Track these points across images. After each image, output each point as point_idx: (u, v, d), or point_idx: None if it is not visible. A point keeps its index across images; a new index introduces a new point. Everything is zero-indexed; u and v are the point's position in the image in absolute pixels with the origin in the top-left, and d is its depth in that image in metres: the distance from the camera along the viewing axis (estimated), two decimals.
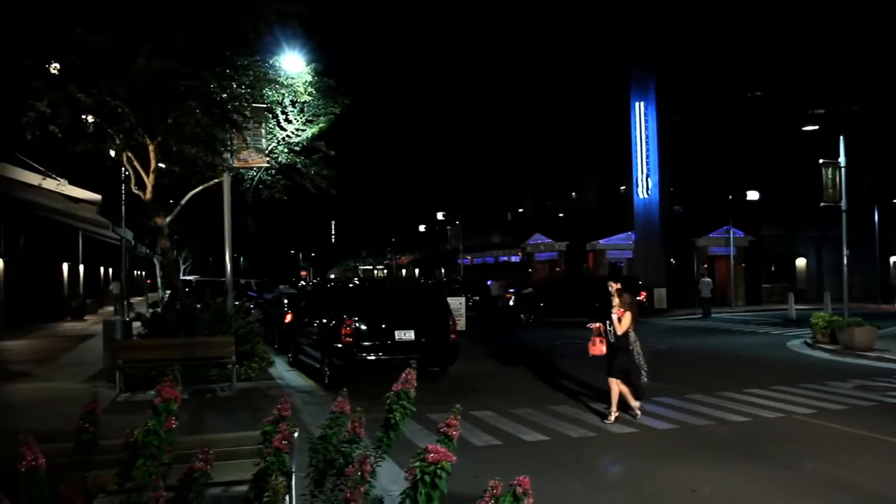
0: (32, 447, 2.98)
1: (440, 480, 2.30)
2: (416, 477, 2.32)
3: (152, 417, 2.71)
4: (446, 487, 2.36)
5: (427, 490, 2.29)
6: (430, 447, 2.33)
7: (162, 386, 2.73)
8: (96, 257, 36.10)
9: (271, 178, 15.16)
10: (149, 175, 12.80)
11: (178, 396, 2.72)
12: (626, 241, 41.01)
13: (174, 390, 2.73)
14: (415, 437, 8.30)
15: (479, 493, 2.68)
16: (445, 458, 2.32)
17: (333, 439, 3.26)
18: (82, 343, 19.34)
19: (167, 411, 2.70)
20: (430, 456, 2.30)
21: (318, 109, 14.67)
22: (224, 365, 11.92)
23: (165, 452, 2.73)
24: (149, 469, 2.72)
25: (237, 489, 4.00)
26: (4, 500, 2.63)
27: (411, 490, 2.34)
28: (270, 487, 2.65)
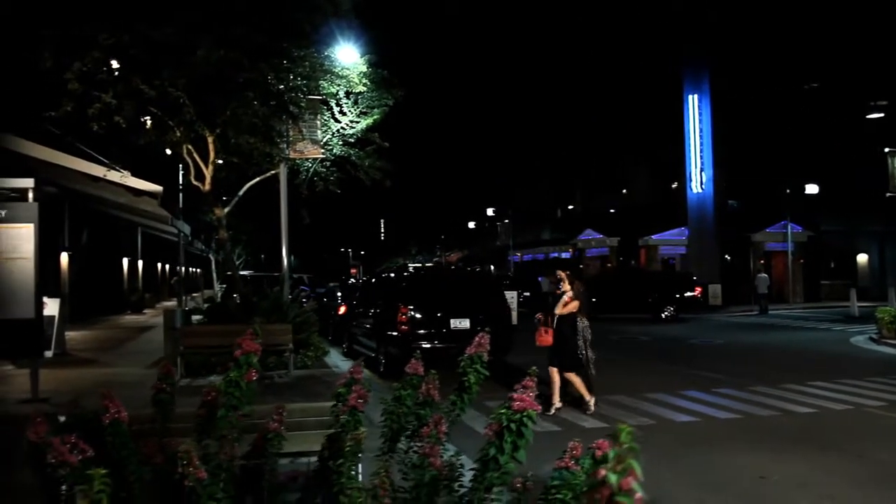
0: (114, 400, 3.04)
1: (526, 429, 2.26)
2: (501, 425, 2.29)
3: (233, 369, 2.73)
4: (531, 437, 2.33)
5: (513, 438, 2.26)
6: (516, 396, 2.29)
7: (243, 339, 2.75)
8: (154, 253, 36.99)
9: (326, 170, 15.31)
10: (208, 166, 13.04)
11: (259, 349, 2.75)
12: (679, 236, 40.33)
13: (255, 343, 2.75)
14: (473, 422, 8.27)
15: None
16: (531, 407, 2.28)
17: (408, 401, 3.25)
18: (143, 334, 19.85)
19: (248, 364, 2.72)
20: (516, 404, 2.27)
21: (372, 101, 14.76)
22: (281, 352, 12.07)
23: (246, 405, 2.75)
24: (230, 420, 2.75)
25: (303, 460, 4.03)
26: (89, 451, 2.68)
27: (496, 439, 2.31)
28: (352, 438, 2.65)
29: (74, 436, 2.88)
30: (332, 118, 14.69)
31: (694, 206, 37.72)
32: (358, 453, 2.67)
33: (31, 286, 9.25)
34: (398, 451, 3.24)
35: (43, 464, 2.95)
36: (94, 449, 2.98)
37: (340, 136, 14.95)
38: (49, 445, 2.73)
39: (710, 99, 37.00)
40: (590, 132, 47.22)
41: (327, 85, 13.45)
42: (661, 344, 19.29)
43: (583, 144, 48.41)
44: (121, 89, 10.77)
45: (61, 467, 2.71)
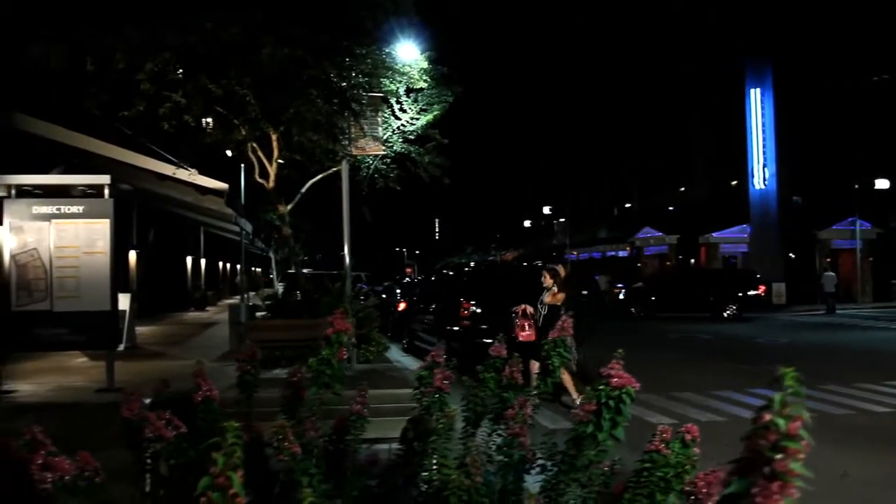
0: (206, 379, 3.11)
1: (624, 406, 2.23)
2: (599, 402, 2.26)
3: (325, 347, 2.76)
4: (629, 415, 2.29)
5: (611, 415, 2.22)
6: (614, 373, 2.26)
7: (334, 317, 2.78)
8: (215, 252, 37.86)
9: (386, 168, 15.40)
10: (272, 164, 13.25)
11: (349, 329, 2.77)
12: (740, 234, 39.42)
13: (345, 322, 2.77)
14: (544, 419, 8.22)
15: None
16: (630, 384, 2.24)
17: (490, 383, 3.24)
18: (207, 329, 20.33)
19: (339, 342, 2.75)
20: (614, 381, 2.24)
21: (432, 98, 14.77)
22: None
23: (338, 383, 2.78)
24: (321, 398, 2.78)
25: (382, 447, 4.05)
26: (182, 427, 2.74)
27: (594, 416, 2.28)
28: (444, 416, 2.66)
29: (168, 412, 2.96)
30: (393, 115, 14.76)
31: (756, 202, 36.82)
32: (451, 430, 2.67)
33: (107, 280, 9.56)
34: (480, 434, 3.24)
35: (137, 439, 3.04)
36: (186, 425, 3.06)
37: (401, 133, 15.00)
38: (145, 420, 2.81)
39: (772, 92, 36.07)
40: (647, 128, 46.49)
41: (388, 82, 13.50)
42: (724, 343, 18.87)
43: (640, 141, 47.72)
44: (189, 89, 11.02)
45: (157, 441, 2.79)
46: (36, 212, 9.41)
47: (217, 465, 1.33)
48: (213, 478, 1.32)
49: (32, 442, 2.26)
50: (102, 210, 9.50)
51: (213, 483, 1.32)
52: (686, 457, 2.54)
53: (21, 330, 9.29)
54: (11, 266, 9.40)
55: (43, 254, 9.40)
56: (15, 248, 9.42)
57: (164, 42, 10.86)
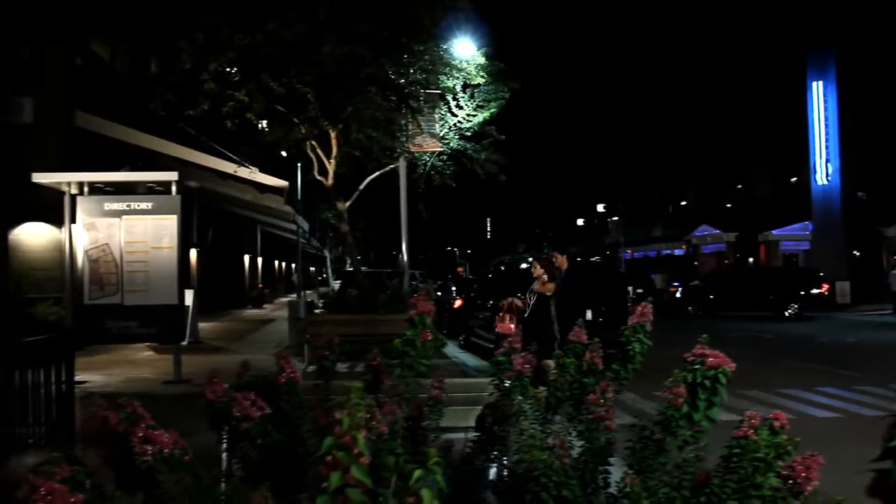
0: (289, 361, 3.16)
1: (720, 386, 2.18)
2: (694, 381, 2.22)
3: (409, 328, 2.79)
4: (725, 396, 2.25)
5: (707, 395, 2.18)
6: (709, 353, 2.22)
7: (416, 299, 2.80)
8: (271, 251, 38.50)
9: (443, 164, 15.43)
10: (331, 161, 13.41)
11: (433, 311, 2.79)
12: (802, 231, 38.37)
13: (428, 304, 2.79)
14: None
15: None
16: (725, 364, 2.20)
17: (570, 368, 3.21)
18: (266, 326, 20.69)
19: (422, 324, 2.76)
20: (710, 361, 2.20)
21: (489, 94, 14.74)
22: None
23: (422, 364, 2.80)
24: (405, 379, 2.80)
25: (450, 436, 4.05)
26: (266, 408, 2.79)
27: (689, 397, 2.24)
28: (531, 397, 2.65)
29: (253, 393, 3.02)
30: (449, 112, 14.78)
31: (819, 198, 35.79)
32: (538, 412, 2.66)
33: (174, 274, 9.81)
34: (558, 420, 3.21)
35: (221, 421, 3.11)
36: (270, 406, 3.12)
37: (457, 130, 15.01)
38: (233, 400, 2.87)
39: (835, 85, 35.00)
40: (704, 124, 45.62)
41: (445, 79, 13.52)
42: (787, 342, 18.40)
43: (697, 137, 46.85)
44: (252, 87, 11.22)
45: (245, 420, 2.85)
46: (107, 208, 9.71)
47: (342, 425, 1.34)
48: (338, 437, 1.34)
49: (133, 416, 2.32)
50: (170, 206, 9.75)
51: (337, 442, 1.33)
52: (778, 443, 2.48)
53: (93, 323, 9.59)
54: (84, 261, 9.72)
55: (114, 249, 9.70)
56: (87, 244, 9.73)
57: (228, 42, 11.10)
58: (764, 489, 2.11)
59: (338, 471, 1.32)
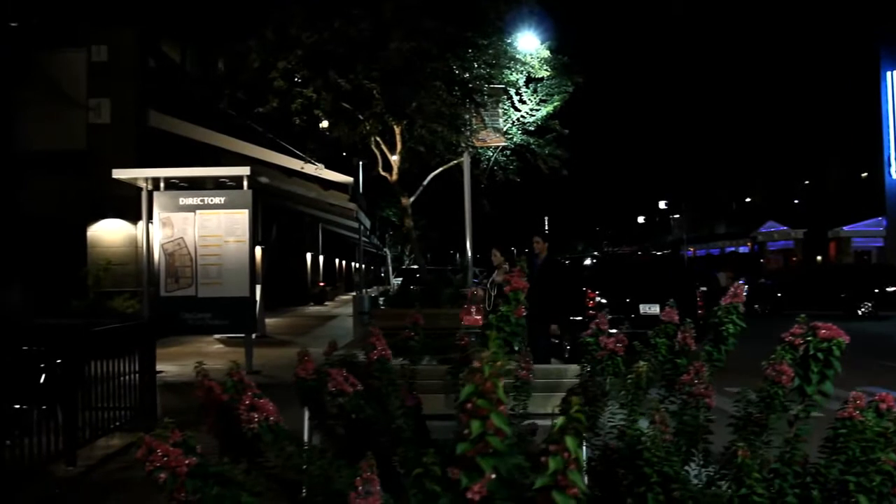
0: (381, 339, 3.20)
1: (834, 359, 2.12)
2: (806, 354, 2.16)
3: (503, 304, 2.79)
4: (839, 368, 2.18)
5: (820, 368, 2.12)
6: (821, 325, 2.16)
7: (510, 275, 2.80)
8: (332, 249, 39.00)
9: (506, 159, 15.41)
10: (395, 157, 13.52)
11: (526, 287, 2.78)
12: (875, 227, 37.00)
13: (522, 281, 2.78)
14: None
15: None
16: (839, 336, 2.13)
17: (662, 349, 3.16)
18: (329, 322, 21.01)
19: (516, 300, 2.76)
20: (822, 332, 2.13)
21: (552, 88, 14.65)
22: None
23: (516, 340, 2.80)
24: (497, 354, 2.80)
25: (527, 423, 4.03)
26: (358, 384, 2.82)
27: (800, 369, 2.18)
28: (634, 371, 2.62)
29: (345, 370, 3.06)
30: (512, 107, 14.74)
31: (893, 193, 34.44)
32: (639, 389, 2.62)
33: (246, 267, 10.03)
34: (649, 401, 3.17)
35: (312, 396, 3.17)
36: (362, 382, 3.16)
37: (520, 125, 14.97)
38: (328, 375, 2.92)
39: None
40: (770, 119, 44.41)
41: (509, 73, 13.50)
42: (862, 340, 17.70)
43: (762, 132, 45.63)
44: (320, 84, 11.40)
45: (340, 395, 2.89)
46: (182, 203, 9.98)
47: (482, 373, 1.35)
48: (478, 385, 1.34)
49: (239, 384, 2.38)
50: (242, 201, 9.98)
51: (477, 390, 1.34)
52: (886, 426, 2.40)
53: (169, 314, 9.87)
54: (161, 254, 10.02)
55: (188, 243, 9.97)
56: (163, 238, 10.03)
57: (296, 40, 11.30)
58: (884, 465, 2.04)
59: (478, 418, 1.32)
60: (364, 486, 2.13)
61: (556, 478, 1.27)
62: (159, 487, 2.28)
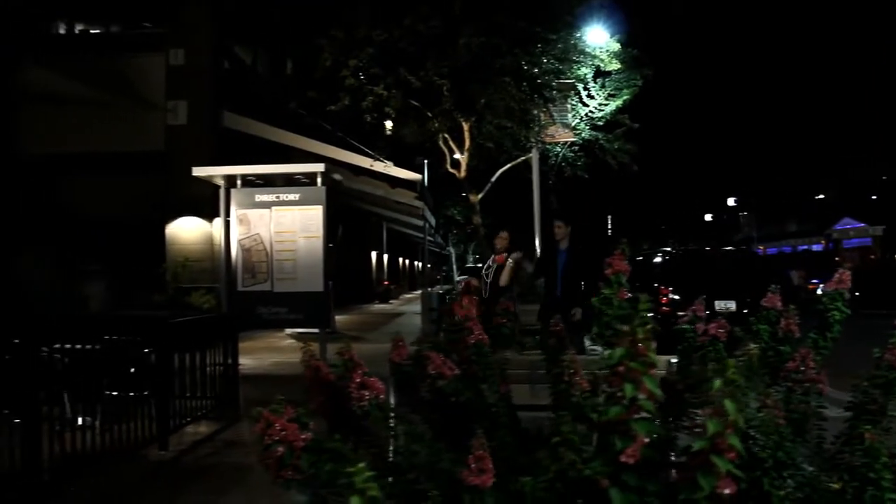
0: (478, 324, 3.21)
1: None
2: None
3: (605, 287, 2.76)
4: None
5: None
6: None
7: (612, 259, 2.77)
8: (396, 248, 39.34)
9: (574, 155, 15.29)
10: (463, 153, 13.57)
11: (627, 269, 2.75)
12: None
13: (623, 263, 2.75)
14: None
15: None
16: None
17: (765, 335, 3.09)
18: (396, 319, 21.21)
19: (618, 283, 2.73)
20: None
21: (620, 82, 14.47)
22: (535, 332, 12.23)
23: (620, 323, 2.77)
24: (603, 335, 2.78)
25: None
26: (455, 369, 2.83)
27: None
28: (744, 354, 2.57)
29: (442, 354, 3.08)
30: (580, 102, 14.62)
31: None
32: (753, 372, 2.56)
33: (321, 263, 10.19)
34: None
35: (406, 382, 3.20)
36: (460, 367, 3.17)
37: (588, 120, 14.83)
38: (427, 359, 2.94)
39: None
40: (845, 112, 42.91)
41: (578, 67, 13.39)
42: None
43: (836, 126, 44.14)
44: (390, 81, 11.51)
45: (439, 378, 2.91)
46: (258, 200, 10.20)
47: (636, 334, 1.34)
48: (629, 348, 1.34)
49: (350, 362, 2.42)
50: (316, 197, 10.13)
51: (629, 352, 1.33)
52: None
53: (246, 309, 10.10)
54: (238, 250, 10.26)
55: (264, 238, 10.18)
56: (240, 234, 10.27)
57: (367, 39, 11.45)
58: None
59: (631, 381, 1.32)
60: (477, 463, 2.15)
61: (715, 441, 1.25)
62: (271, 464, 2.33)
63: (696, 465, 1.26)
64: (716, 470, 1.24)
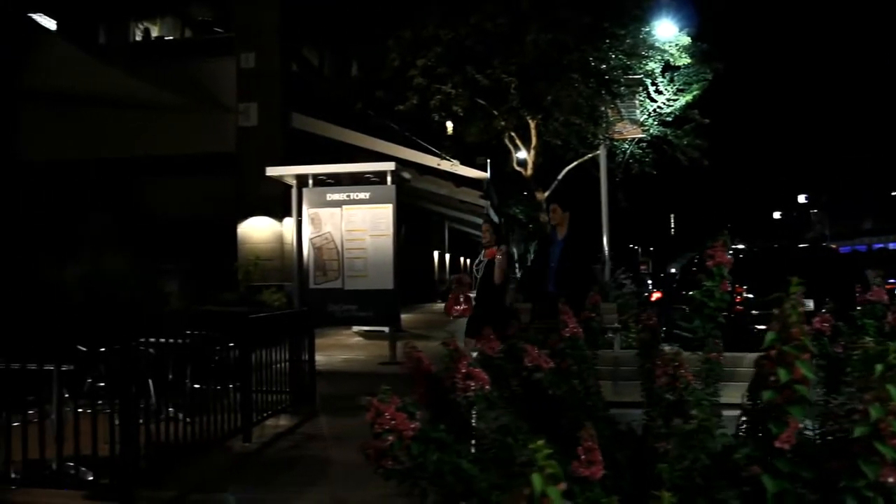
0: (572, 317, 3.20)
1: None
2: None
3: (707, 280, 2.72)
4: None
5: None
6: None
7: (714, 249, 2.72)
8: (457, 247, 39.42)
9: (642, 152, 15.04)
10: (530, 151, 13.50)
11: (730, 262, 2.71)
12: None
13: (725, 255, 2.71)
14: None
15: None
16: None
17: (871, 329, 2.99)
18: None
19: (720, 275, 2.69)
20: None
21: (690, 77, 14.16)
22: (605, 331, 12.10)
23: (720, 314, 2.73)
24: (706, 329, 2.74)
25: None
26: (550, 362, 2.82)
27: None
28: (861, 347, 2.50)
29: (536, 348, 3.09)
30: (648, 97, 14.35)
31: None
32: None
33: (391, 261, 10.30)
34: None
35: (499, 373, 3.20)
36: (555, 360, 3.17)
37: (657, 116, 14.54)
38: (524, 351, 2.95)
39: None
40: None
41: (646, 62, 13.14)
42: None
43: None
44: (458, 80, 11.53)
45: (536, 371, 2.92)
46: (329, 198, 10.38)
47: (789, 317, 1.32)
48: (779, 332, 1.32)
49: (455, 352, 2.44)
50: (386, 196, 10.25)
51: (781, 336, 1.31)
52: None
53: (318, 306, 10.28)
54: (309, 249, 10.45)
55: (335, 237, 10.34)
56: (312, 233, 10.46)
57: (434, 38, 11.51)
58: None
59: (784, 366, 1.30)
60: (587, 454, 2.14)
61: (878, 426, 1.22)
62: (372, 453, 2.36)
63: (856, 452, 1.23)
64: (880, 457, 1.20)
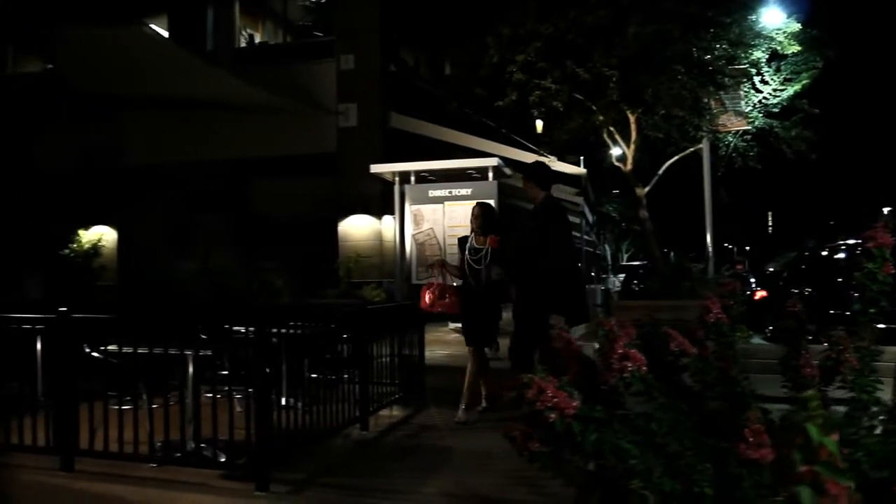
0: (716, 302, 3.13)
1: None
2: None
3: (868, 262, 2.61)
4: None
5: None
6: None
7: (874, 231, 2.62)
8: None
9: (746, 145, 14.56)
10: (629, 146, 13.28)
11: (892, 242, 2.59)
12: None
13: (888, 237, 2.60)
14: None
15: None
16: None
17: None
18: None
19: (882, 257, 2.58)
20: None
21: (798, 65, 13.61)
22: None
23: (884, 298, 2.62)
24: (870, 314, 2.63)
25: None
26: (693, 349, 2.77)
27: None
28: None
29: (677, 331, 3.04)
30: (753, 88, 13.88)
31: None
32: None
33: None
34: None
35: None
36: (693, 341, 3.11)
37: (762, 107, 14.04)
38: (669, 336, 2.92)
39: None
40: None
41: (752, 51, 12.70)
42: None
43: None
44: (557, 75, 11.46)
45: (682, 356, 2.88)
46: (432, 195, 10.50)
47: None
48: None
49: (611, 333, 2.44)
50: (488, 191, 10.29)
51: None
52: None
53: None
54: (412, 244, 10.60)
55: (437, 232, 10.45)
56: (414, 229, 10.61)
57: (533, 33, 11.47)
58: None
59: None
60: (755, 437, 2.10)
61: None
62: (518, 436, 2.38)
63: None
64: None
